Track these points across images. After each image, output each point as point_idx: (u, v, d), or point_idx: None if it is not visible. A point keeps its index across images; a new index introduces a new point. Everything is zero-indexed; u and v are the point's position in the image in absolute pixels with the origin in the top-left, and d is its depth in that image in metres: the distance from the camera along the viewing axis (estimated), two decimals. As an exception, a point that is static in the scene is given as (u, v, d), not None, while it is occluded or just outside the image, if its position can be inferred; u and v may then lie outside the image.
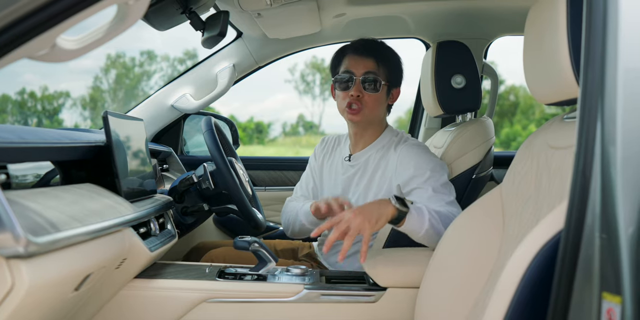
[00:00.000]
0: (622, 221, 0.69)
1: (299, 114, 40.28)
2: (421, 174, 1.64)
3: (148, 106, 2.44)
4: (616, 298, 0.68)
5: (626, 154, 0.71)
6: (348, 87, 1.75)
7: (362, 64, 1.75)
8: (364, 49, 1.78)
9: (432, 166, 1.67)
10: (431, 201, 1.60)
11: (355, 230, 1.35)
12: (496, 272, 1.10)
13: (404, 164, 1.69)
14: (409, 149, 1.72)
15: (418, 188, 1.64)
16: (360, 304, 1.42)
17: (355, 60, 1.76)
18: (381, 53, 1.79)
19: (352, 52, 1.79)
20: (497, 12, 2.27)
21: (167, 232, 1.55)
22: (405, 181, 1.67)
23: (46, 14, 0.75)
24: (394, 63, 1.82)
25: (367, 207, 1.41)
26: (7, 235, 0.78)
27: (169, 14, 1.71)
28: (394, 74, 1.81)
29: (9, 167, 1.06)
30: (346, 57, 1.79)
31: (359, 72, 1.74)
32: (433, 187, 1.62)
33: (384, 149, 1.78)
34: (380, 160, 1.77)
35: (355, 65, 1.75)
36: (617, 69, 0.73)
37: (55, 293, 0.96)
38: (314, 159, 1.99)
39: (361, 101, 1.73)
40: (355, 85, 1.73)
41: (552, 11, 0.97)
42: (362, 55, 1.76)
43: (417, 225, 1.45)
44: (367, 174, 1.78)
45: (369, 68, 1.74)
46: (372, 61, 1.75)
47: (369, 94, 1.74)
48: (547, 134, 1.14)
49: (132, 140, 1.48)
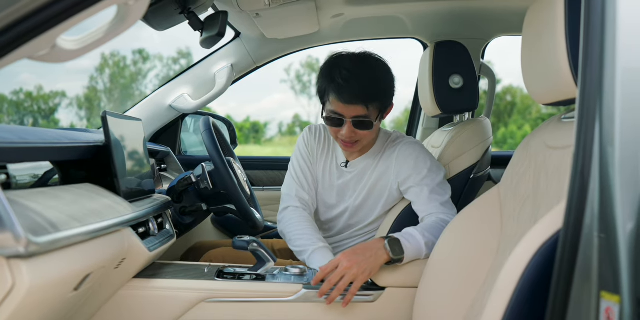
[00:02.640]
0: (621, 221, 0.70)
1: (295, 114, 40.24)
2: (418, 173, 1.66)
3: (146, 106, 2.44)
4: (614, 297, 0.68)
5: (624, 154, 0.71)
6: (339, 125, 1.63)
7: (350, 110, 1.60)
8: (349, 97, 1.57)
9: (429, 166, 1.68)
10: (426, 202, 1.62)
11: (347, 281, 1.40)
12: (494, 271, 1.10)
13: (403, 163, 1.70)
14: (407, 148, 1.72)
15: (414, 186, 1.66)
16: (359, 303, 1.43)
17: (341, 105, 1.60)
18: (369, 96, 1.59)
19: (336, 96, 1.59)
20: (494, 12, 2.28)
21: (166, 232, 1.55)
22: (403, 179, 1.68)
23: (46, 15, 0.75)
24: (385, 94, 1.65)
25: (361, 258, 1.41)
26: (7, 235, 0.78)
27: (168, 14, 1.71)
28: (386, 102, 1.66)
29: (8, 167, 1.06)
30: (330, 97, 1.62)
31: (348, 115, 1.60)
32: (429, 187, 1.63)
33: (381, 153, 1.77)
34: (379, 165, 1.75)
35: (343, 109, 1.60)
36: (615, 69, 0.73)
37: (55, 293, 0.96)
38: (307, 151, 1.85)
39: (354, 137, 1.65)
40: (347, 125, 1.62)
41: (551, 11, 0.97)
42: (347, 103, 1.58)
43: (416, 255, 1.48)
44: (364, 180, 1.77)
45: (358, 113, 1.60)
46: (361, 107, 1.59)
47: (362, 131, 1.63)
48: (544, 134, 1.14)
49: (130, 140, 1.48)
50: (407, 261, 1.46)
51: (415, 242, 1.47)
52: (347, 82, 1.57)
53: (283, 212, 1.78)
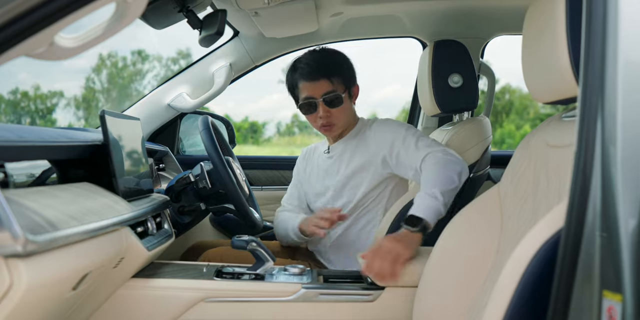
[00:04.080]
0: (623, 219, 0.69)
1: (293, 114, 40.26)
2: (397, 136, 1.76)
3: (144, 105, 2.43)
4: (617, 296, 0.68)
5: (626, 152, 0.71)
6: (314, 110, 1.81)
7: (317, 87, 1.78)
8: (312, 72, 1.79)
9: (405, 127, 1.79)
10: (416, 154, 1.69)
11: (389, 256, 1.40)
12: (495, 271, 1.10)
13: (381, 135, 1.80)
14: (380, 123, 1.85)
15: (401, 149, 1.74)
16: (359, 303, 1.42)
17: (309, 86, 1.79)
18: (330, 69, 1.80)
19: (302, 78, 1.80)
20: (493, 11, 2.28)
21: (164, 232, 1.54)
22: (389, 149, 1.77)
23: (44, 12, 0.75)
24: (344, 70, 1.84)
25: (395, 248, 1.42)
26: (5, 235, 0.78)
27: (166, 12, 1.70)
28: (348, 78, 1.84)
29: (6, 165, 1.05)
30: (299, 83, 1.81)
31: (318, 94, 1.78)
32: (414, 143, 1.73)
33: (358, 135, 1.87)
34: (358, 143, 1.85)
35: (312, 89, 1.78)
36: (617, 66, 0.73)
37: (53, 292, 0.96)
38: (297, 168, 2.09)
39: (331, 119, 1.81)
40: (320, 106, 1.79)
41: (552, 10, 0.97)
42: (313, 80, 1.78)
43: (440, 210, 1.52)
44: (345, 158, 1.86)
45: (325, 89, 1.78)
46: (325, 81, 1.78)
47: (335, 109, 1.79)
48: (545, 132, 1.14)
49: (129, 140, 1.47)
50: (436, 219, 1.51)
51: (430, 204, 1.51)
52: (307, 65, 1.80)
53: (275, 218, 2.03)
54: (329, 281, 1.50)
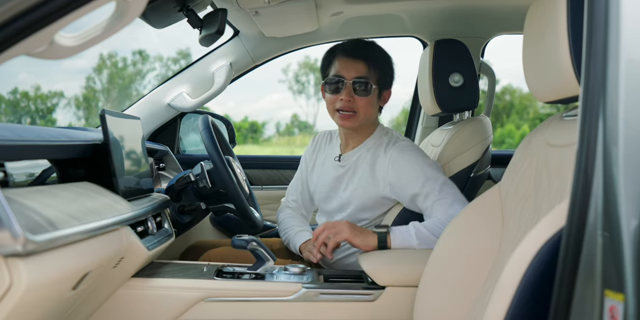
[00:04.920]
0: (624, 219, 0.69)
1: (292, 114, 40.16)
2: (415, 180, 1.64)
3: (144, 105, 2.43)
4: (619, 296, 0.68)
5: (628, 151, 0.71)
6: (338, 90, 1.72)
7: (352, 67, 1.72)
8: (354, 51, 1.74)
9: (426, 171, 1.65)
10: (435, 207, 1.61)
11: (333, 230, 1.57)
12: (496, 270, 1.10)
13: (397, 171, 1.68)
14: (399, 154, 1.70)
15: (418, 195, 1.64)
16: (359, 302, 1.42)
17: (345, 63, 1.73)
18: (372, 55, 1.75)
19: (342, 54, 1.75)
20: (494, 10, 2.28)
21: (164, 231, 1.54)
22: (402, 188, 1.67)
23: (44, 11, 0.75)
24: (385, 65, 1.79)
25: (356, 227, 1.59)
26: (5, 234, 0.77)
27: (166, 11, 1.70)
28: (385, 77, 1.78)
29: (6, 165, 1.05)
30: (336, 59, 1.76)
31: (349, 76, 1.71)
32: (433, 193, 1.62)
33: (374, 148, 1.77)
34: (371, 160, 1.76)
35: (346, 68, 1.72)
36: (619, 65, 0.72)
37: (53, 292, 0.96)
38: (304, 161, 2.01)
39: (352, 105, 1.71)
40: (346, 89, 1.71)
41: (553, 9, 0.97)
42: (352, 58, 1.73)
43: (406, 242, 1.55)
44: (357, 173, 1.77)
45: (359, 72, 1.71)
46: (363, 64, 1.72)
47: (360, 97, 1.71)
48: (546, 132, 1.14)
49: (129, 139, 1.47)
50: (396, 244, 1.55)
51: (402, 231, 1.56)
52: (352, 42, 1.79)
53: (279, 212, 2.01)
54: (329, 281, 1.50)
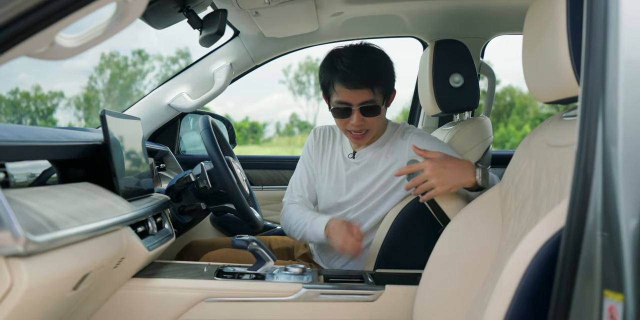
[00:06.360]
0: (624, 219, 0.69)
1: (291, 114, 40.11)
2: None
3: (145, 105, 2.43)
4: (618, 296, 0.68)
5: (627, 151, 0.71)
6: (347, 115, 1.66)
7: (357, 95, 1.62)
8: (355, 81, 1.61)
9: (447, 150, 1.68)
10: None
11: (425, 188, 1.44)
12: (496, 270, 1.10)
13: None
14: (418, 137, 1.73)
15: None
16: (359, 302, 1.42)
17: (347, 93, 1.63)
18: (374, 79, 1.63)
19: (342, 85, 1.62)
20: (494, 10, 2.28)
21: (165, 231, 1.54)
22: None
23: (45, 12, 0.75)
24: (388, 78, 1.70)
25: (446, 171, 1.43)
26: (6, 234, 0.78)
27: (167, 12, 1.70)
28: (390, 88, 1.71)
29: (7, 165, 1.05)
30: (336, 87, 1.64)
31: (355, 102, 1.63)
32: None
33: (390, 142, 1.76)
34: (389, 149, 1.74)
35: (351, 96, 1.63)
36: (618, 65, 0.72)
37: (53, 292, 0.96)
38: (309, 155, 1.92)
39: (364, 126, 1.67)
40: (355, 114, 1.64)
41: (552, 9, 0.97)
42: (354, 88, 1.61)
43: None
44: (376, 168, 1.75)
45: (365, 97, 1.62)
46: (367, 90, 1.62)
47: (370, 118, 1.66)
48: (545, 132, 1.14)
49: (129, 139, 1.47)
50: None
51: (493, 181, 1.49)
52: (350, 69, 1.61)
53: (283, 211, 1.87)
54: (329, 281, 1.50)
